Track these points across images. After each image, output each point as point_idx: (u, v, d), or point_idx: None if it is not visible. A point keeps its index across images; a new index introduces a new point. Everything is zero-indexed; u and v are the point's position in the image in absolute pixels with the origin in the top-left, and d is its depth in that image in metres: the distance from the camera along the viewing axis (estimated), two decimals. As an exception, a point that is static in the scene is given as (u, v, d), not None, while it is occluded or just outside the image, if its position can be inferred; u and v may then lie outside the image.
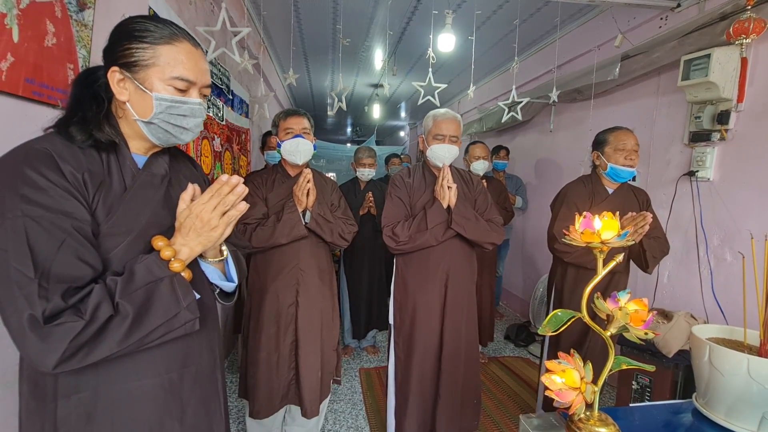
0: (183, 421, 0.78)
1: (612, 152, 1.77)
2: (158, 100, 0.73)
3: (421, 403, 1.77)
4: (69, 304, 0.61)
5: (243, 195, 0.73)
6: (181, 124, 0.77)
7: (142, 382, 0.74)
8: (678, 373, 1.84)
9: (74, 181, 0.67)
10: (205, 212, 0.71)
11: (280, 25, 3.48)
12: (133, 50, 0.72)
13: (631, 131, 1.79)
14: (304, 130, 1.68)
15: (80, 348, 0.61)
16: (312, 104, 7.07)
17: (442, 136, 1.71)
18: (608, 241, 0.78)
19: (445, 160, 1.72)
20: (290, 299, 1.71)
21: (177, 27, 0.76)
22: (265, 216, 1.69)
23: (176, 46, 0.74)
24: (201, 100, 0.79)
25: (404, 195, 1.79)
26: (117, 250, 0.71)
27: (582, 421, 0.81)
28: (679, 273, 2.40)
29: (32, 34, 1.00)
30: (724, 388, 0.86)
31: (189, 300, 0.71)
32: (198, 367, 0.82)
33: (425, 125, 1.78)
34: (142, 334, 0.66)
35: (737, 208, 2.09)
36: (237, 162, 3.00)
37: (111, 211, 0.71)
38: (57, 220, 0.64)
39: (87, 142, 0.72)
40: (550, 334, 0.83)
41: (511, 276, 4.37)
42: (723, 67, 2.01)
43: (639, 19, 2.67)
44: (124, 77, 0.73)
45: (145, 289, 0.67)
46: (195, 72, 0.76)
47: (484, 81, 5.04)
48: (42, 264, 0.61)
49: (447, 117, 1.72)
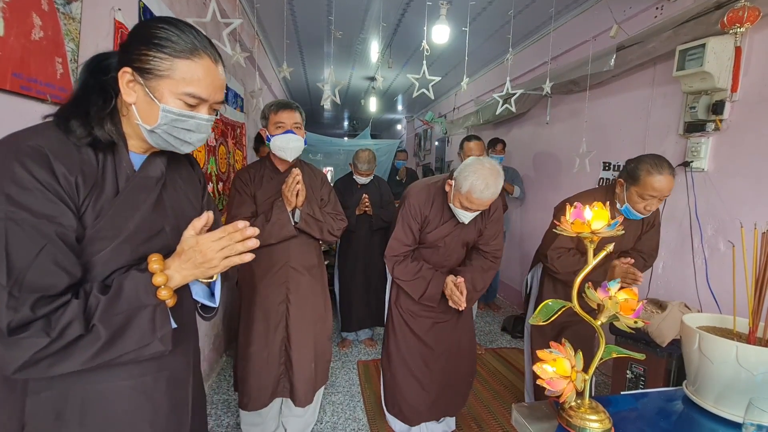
0: (154, 423, 0.78)
1: (637, 196, 1.58)
2: (165, 111, 0.71)
3: (415, 389, 1.81)
4: (38, 315, 0.60)
5: (252, 248, 0.73)
6: (184, 138, 0.75)
7: (115, 384, 0.73)
8: (672, 362, 1.86)
9: (65, 185, 0.65)
10: (210, 251, 0.70)
11: (274, 18, 3.45)
12: (151, 58, 0.69)
13: (672, 175, 1.54)
14: (295, 124, 1.63)
15: (42, 360, 0.60)
16: (308, 98, 7.03)
17: (469, 208, 1.59)
18: (598, 231, 0.78)
19: (465, 222, 1.66)
20: (280, 297, 1.71)
21: (201, 38, 0.73)
22: (253, 215, 1.66)
23: (195, 62, 0.71)
24: (210, 115, 0.77)
25: (416, 225, 1.71)
26: (101, 254, 0.69)
27: (573, 409, 0.82)
28: (673, 263, 2.41)
29: (18, 28, 0.99)
30: (713, 375, 0.87)
31: (164, 331, 0.69)
32: (172, 372, 0.81)
33: (459, 182, 1.55)
34: (110, 357, 0.65)
35: (731, 198, 2.10)
36: (232, 156, 2.98)
37: (100, 215, 0.69)
38: (40, 224, 0.62)
39: (85, 139, 0.69)
40: (542, 324, 0.84)
41: (507, 268, 4.38)
42: (718, 56, 2.01)
43: (635, 9, 2.66)
44: (134, 80, 0.71)
45: (125, 314, 0.66)
46: (209, 90, 0.74)
47: (480, 73, 5.02)
48: (17, 271, 0.60)
49: (484, 197, 1.51)
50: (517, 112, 3.46)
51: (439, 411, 1.90)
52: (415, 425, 1.89)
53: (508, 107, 3.04)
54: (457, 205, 1.60)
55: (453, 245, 1.75)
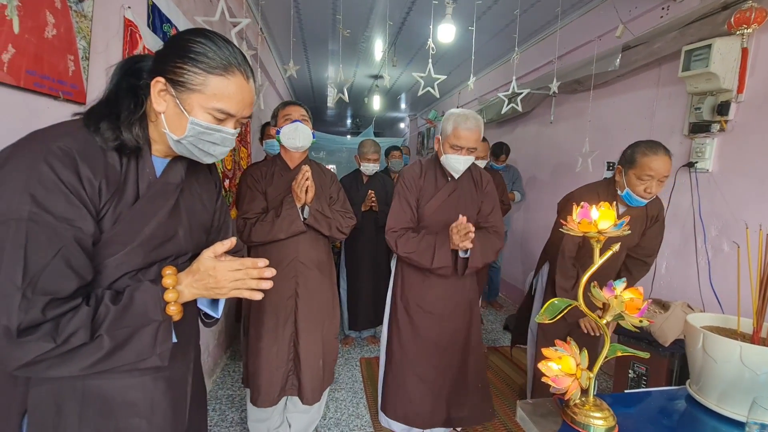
0: (151, 421, 0.79)
1: (635, 178, 1.58)
2: (193, 124, 0.72)
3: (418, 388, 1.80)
4: (47, 317, 0.61)
5: (265, 288, 0.75)
6: (208, 150, 0.76)
7: (114, 381, 0.74)
8: (674, 361, 1.86)
9: (89, 189, 0.66)
10: (224, 279, 0.72)
11: (279, 16, 3.45)
12: (185, 71, 0.70)
13: (668, 156, 1.56)
14: (302, 116, 1.70)
15: (43, 362, 0.62)
16: (312, 96, 7.04)
17: (460, 148, 1.62)
18: (605, 230, 0.79)
19: (459, 171, 1.68)
20: (289, 292, 1.73)
21: (236, 54, 0.74)
22: (264, 210, 1.70)
23: (228, 79, 0.72)
24: (236, 129, 0.78)
25: (413, 197, 1.73)
26: (114, 258, 0.70)
27: (577, 406, 0.83)
28: (676, 264, 2.42)
29: (32, 26, 1.00)
30: (716, 374, 0.88)
31: (164, 348, 0.71)
32: (171, 373, 0.83)
33: (444, 128, 1.67)
34: (107, 367, 0.67)
35: (735, 199, 2.10)
36: (237, 154, 3.00)
37: (118, 220, 0.70)
38: (60, 227, 0.63)
39: (113, 143, 0.70)
40: (547, 322, 0.85)
41: (510, 267, 4.39)
42: (724, 57, 2.00)
43: (640, 9, 2.66)
44: (166, 91, 0.71)
45: (132, 328, 0.67)
46: (239, 106, 0.75)
47: (484, 72, 5.01)
48: (32, 273, 0.61)
49: (468, 127, 1.59)
50: (522, 111, 3.46)
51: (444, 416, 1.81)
52: (420, 428, 1.82)
53: (513, 106, 3.04)
54: (448, 150, 1.64)
55: (450, 218, 1.69)
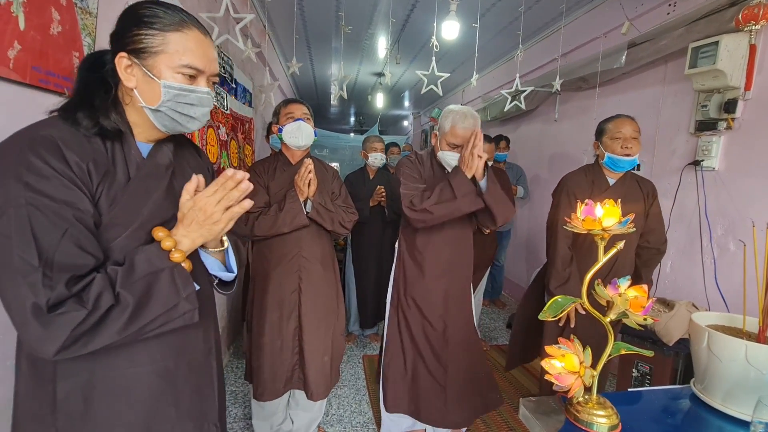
0: (178, 406, 0.80)
1: (609, 141, 1.72)
2: (166, 87, 0.72)
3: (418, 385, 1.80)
4: (72, 292, 0.62)
5: (247, 191, 0.73)
6: (189, 113, 0.77)
7: (137, 369, 0.75)
8: (678, 361, 1.86)
9: (78, 171, 0.67)
10: (209, 205, 0.71)
11: (283, 12, 3.45)
12: (142, 36, 0.71)
13: (631, 118, 1.74)
14: (304, 114, 1.71)
15: (81, 336, 0.62)
16: (315, 93, 7.04)
17: (456, 146, 1.62)
18: (609, 228, 0.79)
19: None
20: (293, 286, 1.73)
21: (186, 14, 0.75)
22: (267, 205, 1.70)
23: (186, 34, 0.73)
24: (209, 89, 0.79)
25: (417, 174, 1.75)
26: (118, 240, 0.71)
27: (581, 404, 0.83)
28: (681, 263, 2.40)
29: (38, 22, 1.00)
30: (721, 373, 0.87)
31: (188, 291, 0.71)
32: (192, 355, 0.83)
33: (441, 124, 1.67)
34: (142, 324, 0.67)
35: (742, 197, 2.08)
36: (242, 151, 3.00)
37: (114, 202, 0.71)
38: (60, 209, 0.64)
39: (93, 129, 0.71)
40: (549, 320, 0.85)
41: (513, 265, 4.38)
42: (731, 54, 1.98)
43: (647, 6, 2.63)
44: (132, 63, 0.72)
45: (145, 280, 0.67)
46: (204, 60, 0.75)
47: (488, 69, 4.99)
48: (45, 253, 0.61)
49: (465, 126, 1.59)
50: (526, 108, 3.45)
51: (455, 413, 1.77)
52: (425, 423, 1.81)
53: (517, 104, 3.03)
54: (445, 148, 1.65)
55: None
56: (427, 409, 1.78)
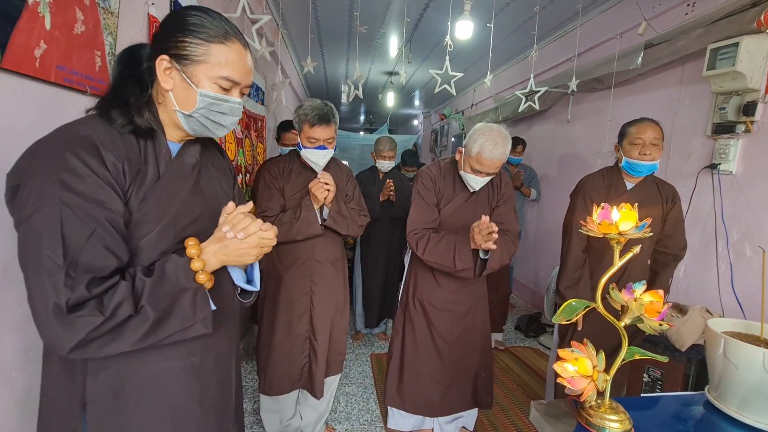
0: (202, 402, 0.82)
1: (629, 146, 1.70)
2: (202, 96, 0.74)
3: (423, 378, 1.83)
4: (93, 294, 0.63)
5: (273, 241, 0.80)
6: (219, 121, 0.79)
7: (167, 364, 0.77)
8: (690, 367, 1.83)
9: (114, 171, 0.69)
10: (244, 245, 0.76)
11: (297, 12, 3.47)
12: (187, 44, 0.72)
13: (654, 123, 1.71)
14: (328, 140, 1.61)
15: (96, 339, 0.64)
16: (326, 92, 7.06)
17: (480, 172, 1.61)
18: (626, 232, 0.78)
19: (476, 188, 1.68)
20: (305, 289, 1.74)
21: (231, 25, 0.77)
22: (282, 208, 1.69)
23: (228, 47, 0.74)
24: (241, 99, 0.81)
25: (432, 197, 1.73)
26: (148, 238, 0.73)
27: (593, 408, 0.83)
28: (695, 267, 2.37)
29: (63, 22, 1.03)
30: (737, 381, 0.86)
31: (204, 313, 0.73)
32: (217, 352, 0.85)
33: (468, 146, 1.61)
34: (157, 339, 0.69)
35: (760, 202, 2.04)
36: (255, 149, 3.03)
37: (144, 199, 0.72)
38: (91, 209, 0.65)
39: (127, 127, 0.73)
40: (563, 323, 0.85)
41: (522, 267, 4.35)
42: (752, 56, 1.94)
43: (664, 6, 2.59)
44: (172, 67, 0.73)
45: (170, 296, 0.69)
46: (242, 74, 0.77)
47: (501, 69, 4.95)
48: (71, 252, 0.63)
49: (493, 156, 1.54)
50: (540, 109, 3.41)
51: (450, 404, 1.89)
52: (428, 416, 1.90)
53: (531, 104, 3.00)
54: (468, 170, 1.63)
55: (467, 222, 1.68)
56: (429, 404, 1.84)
